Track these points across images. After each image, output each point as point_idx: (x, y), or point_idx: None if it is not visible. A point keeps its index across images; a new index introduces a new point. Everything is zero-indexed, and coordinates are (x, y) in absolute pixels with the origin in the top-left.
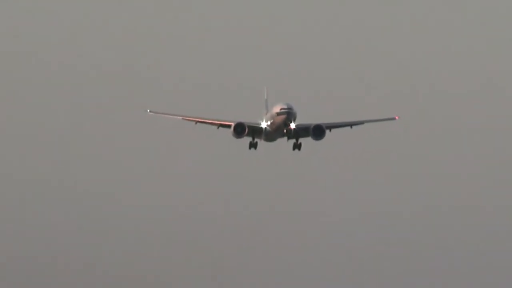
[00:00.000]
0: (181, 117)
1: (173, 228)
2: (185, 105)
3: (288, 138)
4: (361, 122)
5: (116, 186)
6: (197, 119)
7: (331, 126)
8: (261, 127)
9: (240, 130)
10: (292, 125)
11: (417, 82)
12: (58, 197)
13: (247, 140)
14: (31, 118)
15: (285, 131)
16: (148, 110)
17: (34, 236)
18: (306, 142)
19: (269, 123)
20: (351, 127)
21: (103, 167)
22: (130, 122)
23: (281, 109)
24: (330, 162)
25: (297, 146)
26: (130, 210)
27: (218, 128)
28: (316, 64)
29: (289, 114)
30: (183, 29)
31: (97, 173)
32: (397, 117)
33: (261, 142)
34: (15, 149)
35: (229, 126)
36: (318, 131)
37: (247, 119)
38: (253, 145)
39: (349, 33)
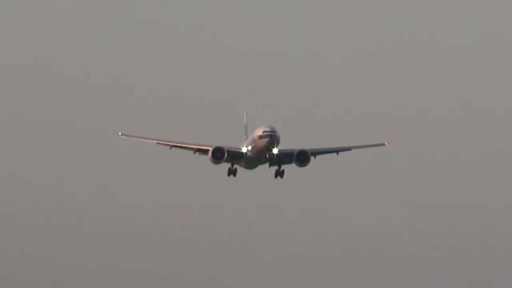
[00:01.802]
0: (155, 141)
1: (144, 258)
2: (159, 128)
3: (270, 165)
4: (348, 148)
5: (83, 214)
6: (172, 143)
7: (316, 152)
8: (241, 152)
9: (218, 155)
10: (275, 150)
11: (407, 107)
12: (29, 221)
13: (225, 166)
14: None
15: (267, 156)
16: (120, 133)
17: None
18: (289, 169)
19: (250, 147)
20: (337, 153)
21: (68, 196)
22: (100, 146)
23: (263, 132)
24: (314, 190)
25: (279, 174)
26: (98, 238)
27: (194, 153)
28: (300, 87)
29: (272, 137)
30: (160, 50)
31: (62, 201)
32: (386, 143)
33: (240, 169)
34: None
35: (206, 151)
36: (302, 157)
37: (225, 144)
38: (232, 172)
39: (336, 55)
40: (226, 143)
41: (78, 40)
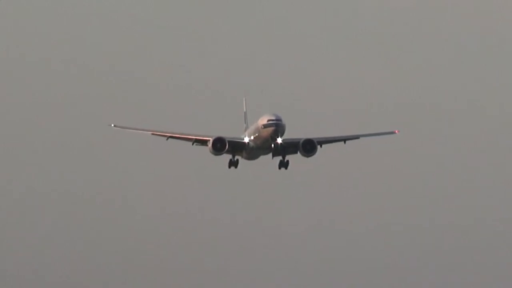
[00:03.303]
0: (150, 132)
1: (140, 252)
2: (154, 119)
3: (274, 155)
4: (356, 137)
5: (76, 208)
6: (169, 134)
7: (322, 141)
8: (243, 142)
9: (219, 146)
10: (279, 140)
11: (416, 94)
12: (21, 214)
13: (226, 157)
14: None
15: (271, 146)
16: (112, 125)
17: None
18: (294, 159)
19: (252, 137)
20: (344, 142)
21: (60, 190)
22: (92, 138)
23: (268, 120)
24: (320, 182)
25: (284, 164)
26: (92, 233)
27: (193, 144)
28: (305, 74)
29: (278, 126)
30: (154, 39)
31: (54, 195)
32: (397, 131)
33: (242, 160)
34: None
35: (205, 141)
36: (308, 146)
37: (224, 134)
38: (233, 164)
39: (342, 40)
40: (225, 133)
41: (71, 30)
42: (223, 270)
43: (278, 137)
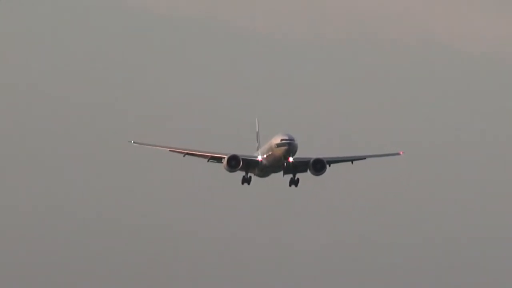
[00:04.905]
0: (168, 149)
1: (156, 266)
2: (172, 137)
3: (285, 173)
4: (363, 157)
5: (96, 223)
6: (185, 151)
7: (331, 161)
8: (257, 160)
9: (234, 163)
10: (290, 159)
11: (422, 115)
12: (42, 228)
13: (240, 174)
14: (16, 147)
15: (284, 164)
16: (132, 141)
17: None
18: (304, 177)
19: (265, 155)
20: (352, 162)
21: (80, 205)
22: (112, 154)
23: (281, 140)
24: (329, 199)
25: (294, 182)
26: (110, 247)
27: (208, 161)
28: (314, 95)
29: (291, 146)
30: (172, 59)
31: (74, 211)
32: (401, 152)
33: (254, 177)
34: None
35: (220, 159)
36: (318, 165)
37: (236, 152)
38: (246, 180)
39: (350, 62)
40: (236, 151)
41: (92, 44)
42: (233, 284)
43: (290, 156)
